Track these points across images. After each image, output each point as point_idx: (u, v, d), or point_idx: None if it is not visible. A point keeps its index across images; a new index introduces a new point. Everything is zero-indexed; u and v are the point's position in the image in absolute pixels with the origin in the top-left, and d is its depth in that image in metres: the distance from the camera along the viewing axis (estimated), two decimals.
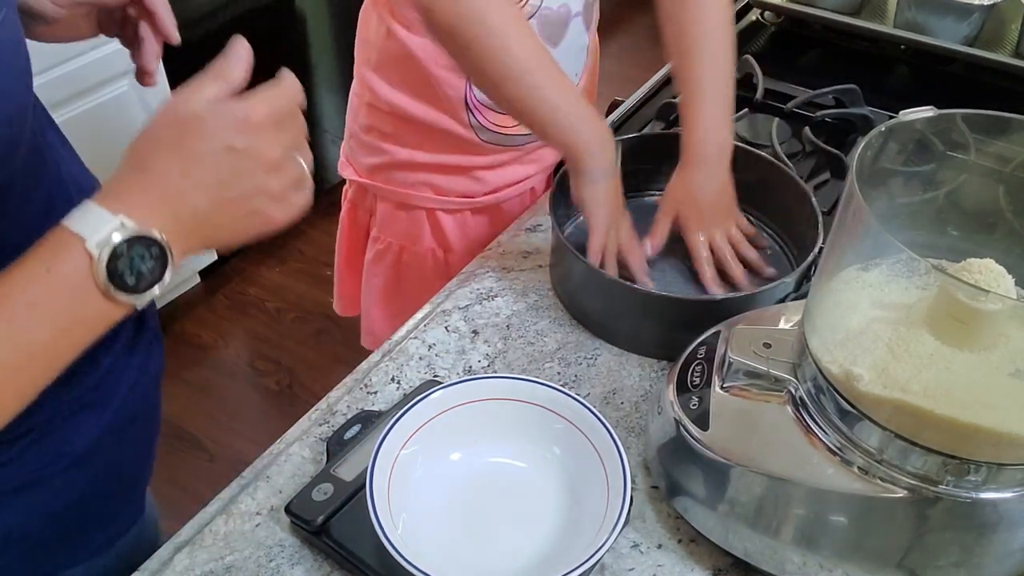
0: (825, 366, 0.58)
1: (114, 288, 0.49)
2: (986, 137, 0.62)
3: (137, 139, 0.53)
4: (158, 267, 0.50)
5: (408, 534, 0.61)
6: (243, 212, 0.55)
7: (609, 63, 3.40)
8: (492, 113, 0.97)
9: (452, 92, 0.95)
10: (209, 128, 0.53)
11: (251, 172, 0.54)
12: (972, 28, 1.17)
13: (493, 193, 1.05)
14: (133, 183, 0.51)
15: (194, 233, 0.53)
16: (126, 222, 0.49)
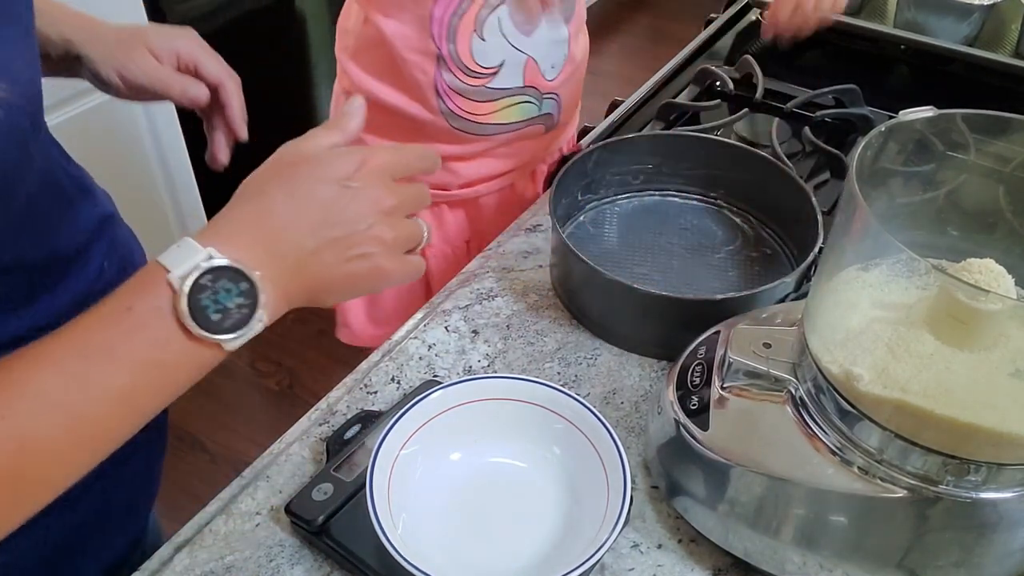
0: (825, 366, 0.58)
1: (196, 325, 0.46)
2: (986, 137, 0.62)
3: (248, 178, 0.51)
4: (248, 305, 0.47)
5: (408, 534, 0.61)
6: (350, 255, 0.51)
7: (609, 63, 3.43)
8: (462, 99, 0.96)
9: (422, 77, 0.95)
10: (323, 165, 0.51)
11: (363, 214, 0.51)
12: (972, 28, 1.17)
13: (469, 186, 1.05)
14: (234, 217, 0.49)
15: (296, 273, 0.50)
16: (214, 254, 0.46)
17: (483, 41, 0.92)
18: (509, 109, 0.99)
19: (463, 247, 1.11)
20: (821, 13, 1.10)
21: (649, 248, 0.89)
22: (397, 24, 0.92)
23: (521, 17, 0.92)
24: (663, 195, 0.95)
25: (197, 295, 0.45)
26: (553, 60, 0.97)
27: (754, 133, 1.08)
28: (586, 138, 1.06)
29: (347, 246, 0.51)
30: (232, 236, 0.48)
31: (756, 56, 1.13)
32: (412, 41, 0.92)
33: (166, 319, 0.45)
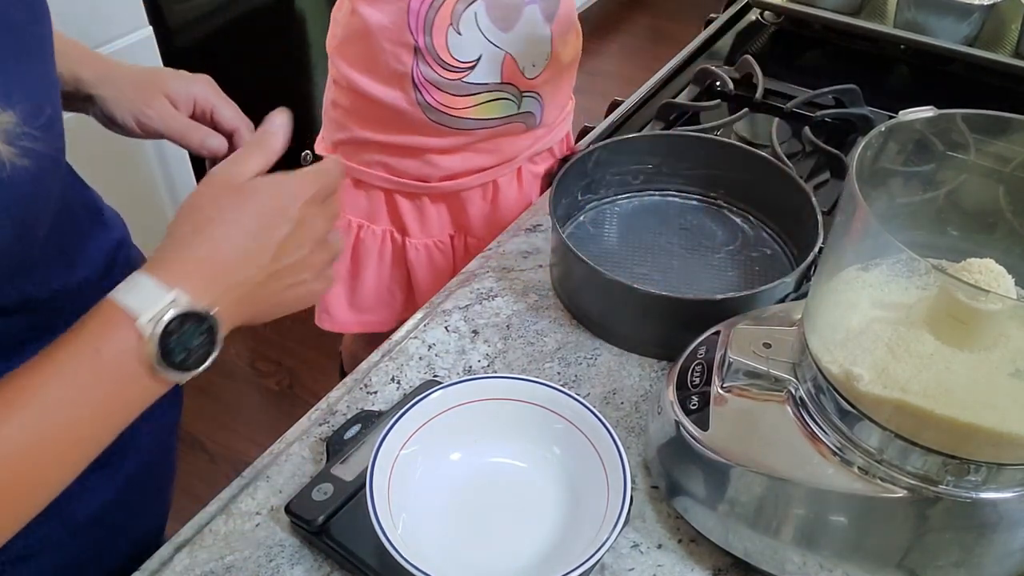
0: (825, 366, 0.58)
1: (163, 367, 0.47)
2: (986, 137, 0.62)
3: (185, 209, 0.52)
4: (207, 342, 0.50)
5: (408, 534, 0.61)
6: (289, 284, 0.55)
7: (609, 63, 3.42)
8: (438, 92, 0.96)
9: (400, 68, 0.95)
10: (265, 200, 0.53)
11: (302, 245, 0.54)
12: (972, 28, 1.17)
13: (449, 180, 1.05)
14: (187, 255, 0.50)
15: (243, 305, 0.52)
16: (180, 297, 0.48)
17: (459, 35, 0.92)
18: (486, 105, 0.98)
19: (447, 240, 1.11)
20: None
21: (649, 248, 0.89)
22: (379, 14, 0.93)
23: (498, 13, 0.91)
24: (663, 195, 0.95)
25: (165, 340, 0.47)
26: (533, 58, 0.97)
27: (754, 133, 1.08)
28: (586, 138, 1.06)
29: (289, 275, 0.54)
30: (190, 275, 0.49)
31: (756, 56, 1.13)
32: (391, 32, 0.93)
33: (133, 362, 0.47)
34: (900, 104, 0.64)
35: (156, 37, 1.63)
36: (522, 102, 1.00)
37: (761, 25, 1.34)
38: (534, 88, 1.00)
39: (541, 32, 0.95)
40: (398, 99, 0.97)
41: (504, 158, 1.05)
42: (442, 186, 1.05)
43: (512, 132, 1.02)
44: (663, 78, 1.17)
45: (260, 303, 0.54)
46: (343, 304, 1.15)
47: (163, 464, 0.75)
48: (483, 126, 1.00)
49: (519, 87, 0.98)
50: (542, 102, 1.02)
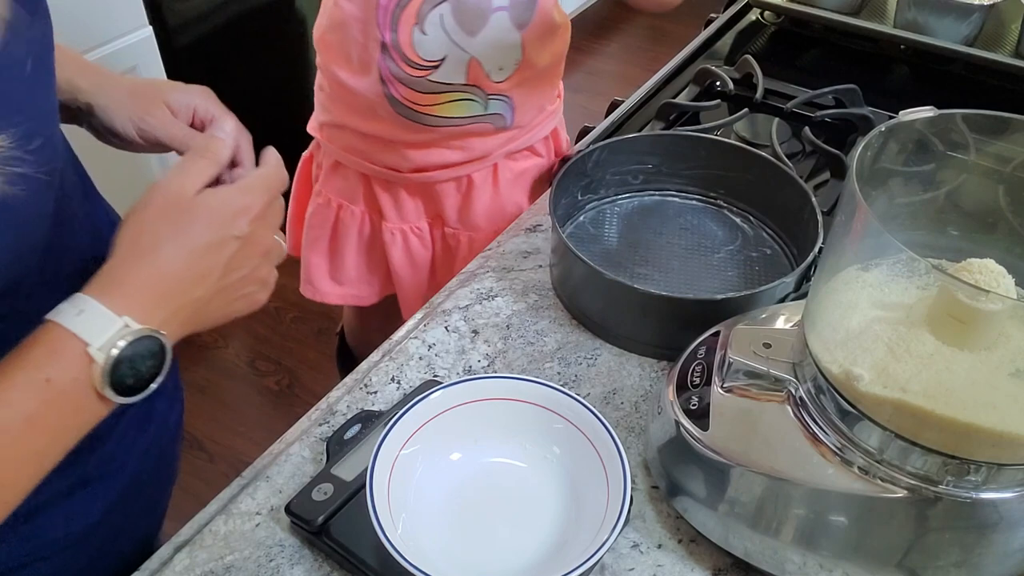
0: (825, 366, 0.58)
1: (115, 393, 0.48)
2: (986, 137, 0.62)
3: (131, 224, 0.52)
4: (157, 364, 0.49)
5: (408, 534, 0.61)
6: (235, 297, 0.55)
7: (609, 63, 3.42)
8: (404, 88, 0.97)
9: (369, 61, 0.96)
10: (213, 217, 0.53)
11: (247, 259, 0.54)
12: (972, 28, 1.17)
13: (421, 172, 1.05)
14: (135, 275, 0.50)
15: (189, 321, 0.52)
16: (130, 323, 0.47)
17: (424, 35, 0.92)
18: (451, 104, 0.98)
19: (423, 228, 1.12)
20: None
21: (649, 248, 0.89)
22: (352, 7, 0.94)
23: (464, 17, 0.91)
24: (663, 195, 0.95)
25: (116, 366, 0.47)
26: (501, 62, 0.96)
27: (754, 133, 1.08)
28: (586, 138, 1.06)
29: (236, 289, 0.55)
30: (139, 298, 0.49)
31: (756, 56, 1.13)
32: (362, 25, 0.94)
33: (84, 389, 0.47)
34: (900, 104, 0.64)
35: (156, 37, 1.63)
36: (489, 104, 0.99)
37: (761, 25, 1.34)
38: (502, 92, 0.99)
39: (510, 38, 0.94)
40: (368, 91, 0.98)
41: (475, 155, 1.04)
42: (414, 177, 1.06)
43: (481, 132, 1.02)
44: (663, 78, 1.17)
45: (207, 318, 0.54)
46: (325, 276, 1.18)
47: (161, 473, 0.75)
48: (448, 124, 1.00)
49: (485, 90, 0.98)
50: (512, 104, 1.01)
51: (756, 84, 1.09)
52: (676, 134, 0.97)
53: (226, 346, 2.04)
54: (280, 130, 1.34)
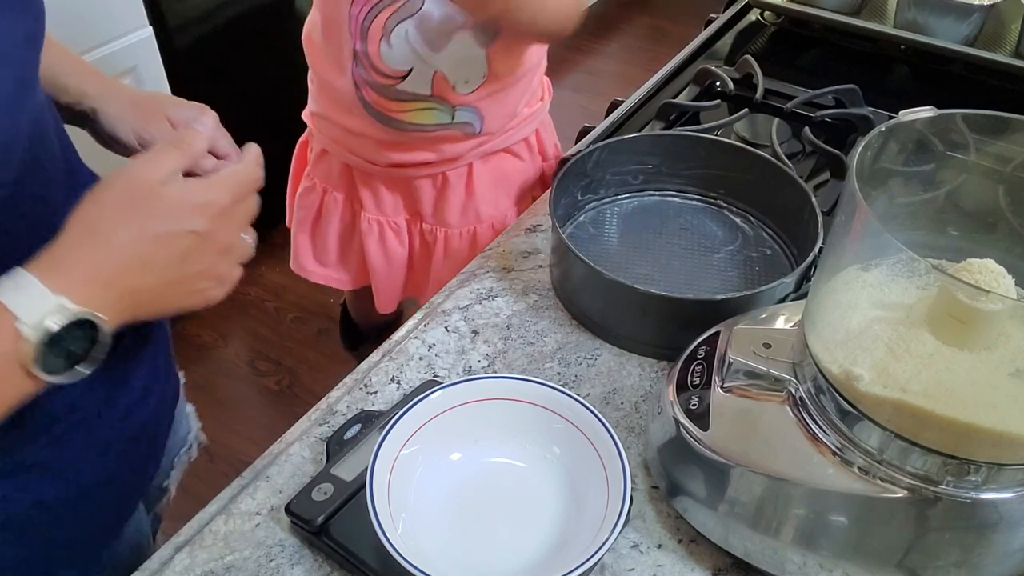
0: (825, 366, 0.58)
1: (43, 371, 0.46)
2: (986, 137, 0.62)
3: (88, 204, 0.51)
4: (91, 347, 0.48)
5: (408, 534, 0.61)
6: (188, 291, 0.54)
7: (609, 63, 3.43)
8: (374, 93, 0.99)
9: (343, 64, 0.99)
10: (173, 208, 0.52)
11: (204, 255, 0.53)
12: (972, 28, 1.17)
13: (397, 167, 1.08)
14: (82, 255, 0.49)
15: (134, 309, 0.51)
16: (66, 305, 0.46)
17: (390, 47, 0.94)
18: (419, 112, 1.00)
19: (400, 223, 1.14)
20: None
21: (649, 248, 0.89)
22: (330, 11, 0.97)
23: (429, 34, 0.93)
24: (663, 195, 0.95)
25: (48, 346, 0.46)
26: (467, 76, 0.97)
27: (754, 133, 1.08)
28: (586, 138, 1.06)
29: (188, 283, 0.54)
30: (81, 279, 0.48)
31: (756, 56, 1.13)
32: (337, 31, 0.97)
33: (12, 364, 0.46)
34: (900, 104, 0.64)
35: (156, 37, 1.63)
36: (455, 114, 1.01)
37: (761, 25, 1.35)
38: (468, 103, 1.00)
39: (474, 53, 0.96)
40: (344, 91, 1.01)
41: (447, 157, 1.06)
42: (391, 172, 1.08)
43: (450, 138, 1.04)
44: (663, 78, 1.17)
45: (155, 308, 0.53)
46: (309, 255, 1.23)
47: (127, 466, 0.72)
48: (417, 130, 1.02)
49: (450, 101, 1.00)
50: (480, 114, 1.02)
51: (756, 84, 1.09)
52: (676, 134, 0.97)
53: (226, 346, 2.04)
54: (279, 130, 1.34)
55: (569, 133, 1.16)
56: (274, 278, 2.18)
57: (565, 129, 1.24)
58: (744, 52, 1.20)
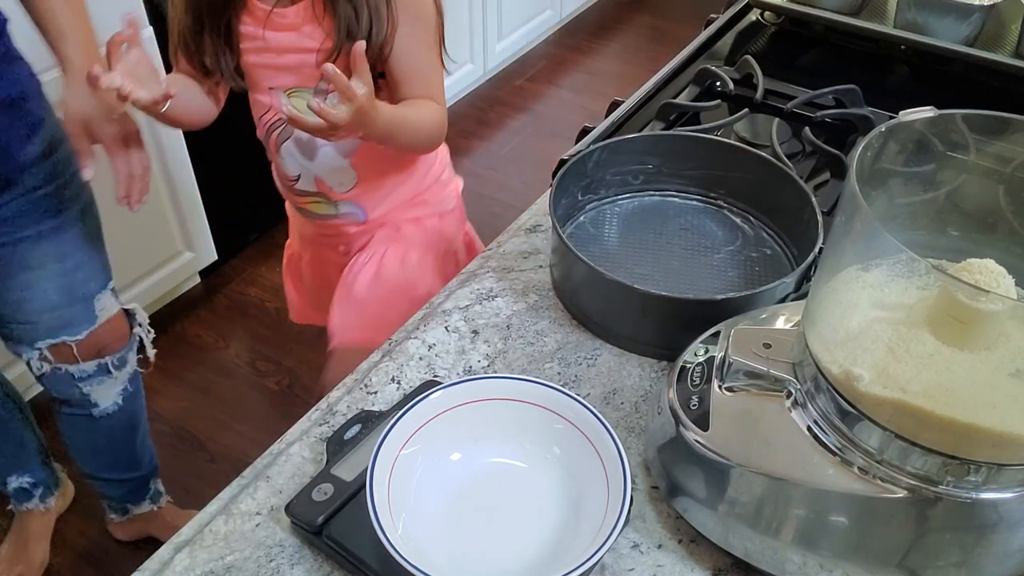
0: (825, 366, 0.58)
1: None
2: (986, 137, 0.62)
3: None
4: None
5: (408, 534, 0.61)
6: None
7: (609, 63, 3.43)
8: (283, 185, 1.19)
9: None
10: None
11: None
12: (972, 28, 1.17)
13: (323, 236, 1.26)
14: None
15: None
16: None
17: (282, 158, 1.14)
18: (313, 203, 1.19)
19: (343, 256, 1.25)
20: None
21: (649, 248, 0.89)
22: (258, 124, 1.16)
23: (301, 148, 1.12)
24: (663, 195, 0.95)
25: None
26: (339, 181, 1.14)
27: (754, 133, 1.08)
28: (586, 138, 1.06)
29: None
30: None
31: (756, 56, 1.13)
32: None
33: None
34: (900, 104, 0.64)
35: (156, 37, 1.63)
36: (339, 207, 1.18)
37: (761, 25, 1.34)
38: (347, 199, 1.16)
39: (340, 164, 1.12)
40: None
41: (349, 232, 1.21)
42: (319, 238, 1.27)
43: (344, 223, 1.20)
44: (663, 78, 1.17)
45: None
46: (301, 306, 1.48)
47: None
48: (314, 216, 1.21)
49: (331, 198, 1.17)
50: (362, 206, 1.18)
51: (756, 84, 1.09)
52: (676, 134, 0.97)
53: (226, 346, 2.04)
54: None
55: (569, 133, 1.16)
56: (274, 278, 2.18)
57: (565, 129, 1.24)
58: (744, 52, 1.20)
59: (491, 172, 2.63)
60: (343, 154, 1.11)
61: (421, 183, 1.20)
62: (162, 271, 1.99)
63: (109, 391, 1.31)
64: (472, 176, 2.64)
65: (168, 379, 1.95)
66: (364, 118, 0.91)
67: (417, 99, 1.05)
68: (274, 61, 1.05)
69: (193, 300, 2.14)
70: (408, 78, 1.04)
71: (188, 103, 1.08)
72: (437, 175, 1.22)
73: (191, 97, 1.09)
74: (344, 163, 1.12)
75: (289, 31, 1.02)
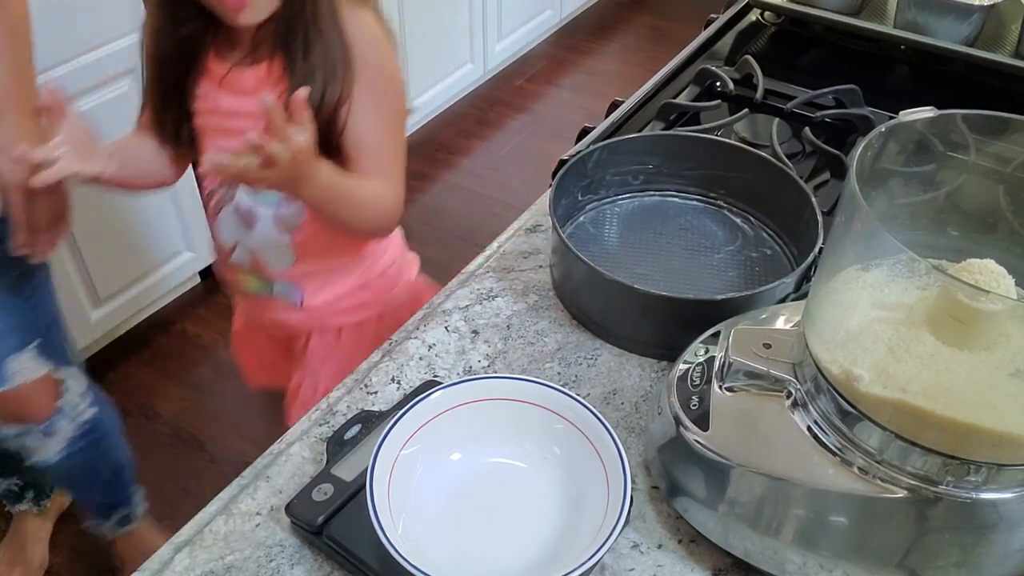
0: (825, 366, 0.58)
1: None
2: (986, 137, 0.62)
3: None
4: None
5: (408, 534, 0.61)
6: None
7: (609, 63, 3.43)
8: (216, 255, 1.12)
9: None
10: None
11: None
12: (972, 28, 1.17)
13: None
14: None
15: None
16: None
17: (218, 225, 1.06)
18: (246, 279, 1.10)
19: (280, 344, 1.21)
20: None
21: (649, 248, 0.89)
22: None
23: (239, 218, 1.03)
24: (663, 195, 0.95)
25: None
26: (277, 258, 1.05)
27: (754, 133, 1.08)
28: (586, 138, 1.06)
29: None
30: None
31: (756, 56, 1.13)
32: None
33: None
34: (900, 104, 0.64)
35: None
36: (274, 287, 1.08)
37: (761, 25, 1.35)
38: (284, 279, 1.07)
39: (278, 240, 1.03)
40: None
41: (278, 323, 1.12)
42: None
43: (278, 303, 1.10)
44: (663, 78, 1.17)
45: None
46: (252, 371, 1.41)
47: None
48: (247, 294, 1.12)
49: (266, 276, 1.07)
50: (300, 288, 1.08)
51: (756, 84, 1.09)
52: (676, 134, 0.97)
53: (226, 346, 2.03)
54: None
55: (569, 133, 1.16)
56: None
57: (565, 129, 1.24)
58: (744, 52, 1.20)
59: (491, 172, 2.63)
60: (284, 229, 1.02)
61: (367, 274, 1.11)
62: (162, 271, 2.00)
63: (47, 448, 1.22)
64: (472, 176, 2.65)
65: (168, 379, 1.95)
66: (300, 169, 0.85)
67: (371, 176, 0.97)
68: (222, 124, 0.98)
69: (193, 300, 2.14)
70: (361, 153, 0.95)
71: (138, 166, 1.02)
72: (385, 267, 1.12)
73: (142, 158, 1.03)
74: (283, 239, 1.03)
75: (243, 95, 0.95)
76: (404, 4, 2.41)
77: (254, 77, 0.95)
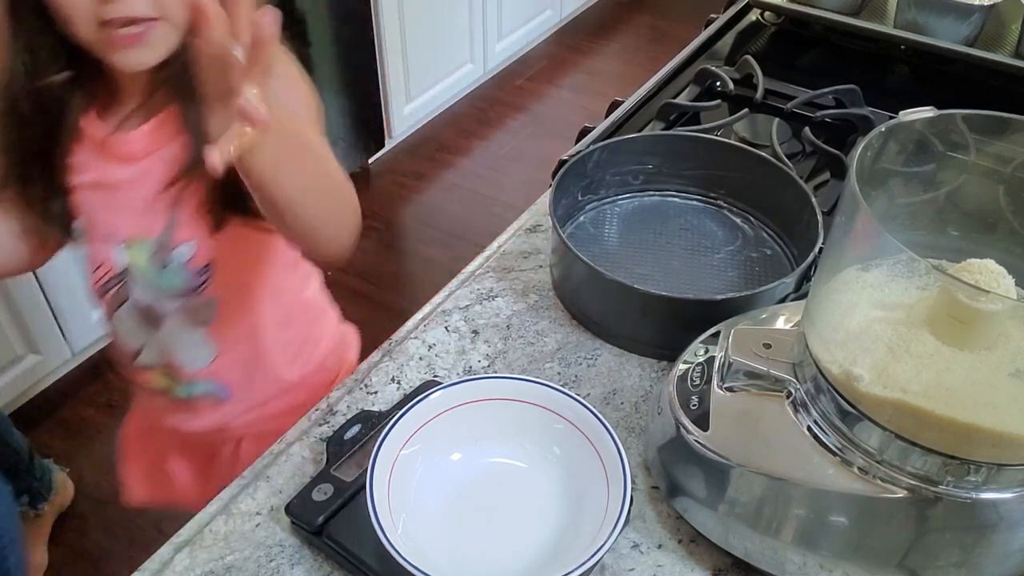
0: (825, 366, 0.58)
1: None
2: (986, 137, 0.62)
3: None
4: None
5: (408, 534, 0.61)
6: None
7: (609, 63, 3.43)
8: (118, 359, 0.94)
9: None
10: None
11: None
12: (972, 28, 1.17)
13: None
14: None
15: None
16: None
17: (117, 324, 0.89)
18: (159, 381, 0.92)
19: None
20: None
21: (649, 248, 0.89)
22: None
23: (144, 315, 0.87)
24: (663, 195, 0.95)
25: None
26: (193, 356, 0.89)
27: (754, 133, 1.08)
28: (586, 138, 1.06)
29: None
30: None
31: (756, 56, 1.13)
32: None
33: None
34: (900, 104, 0.64)
35: None
36: (193, 387, 0.92)
37: (761, 25, 1.35)
38: (205, 377, 0.90)
39: (193, 336, 0.87)
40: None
41: (209, 426, 0.95)
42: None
43: (210, 404, 0.93)
44: (663, 78, 1.17)
45: None
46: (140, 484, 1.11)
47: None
48: (161, 400, 0.94)
49: (182, 378, 0.90)
50: (227, 384, 0.92)
51: (756, 84, 1.09)
52: (676, 134, 0.97)
53: None
54: None
55: (569, 133, 1.16)
56: None
57: (565, 129, 1.24)
58: (744, 52, 1.20)
59: (491, 172, 2.63)
60: (198, 322, 0.86)
61: (303, 368, 0.95)
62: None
63: None
64: (472, 176, 2.65)
65: None
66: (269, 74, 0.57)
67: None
68: (111, 201, 0.80)
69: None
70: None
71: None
72: (322, 358, 0.97)
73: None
74: (197, 334, 0.87)
75: (132, 162, 0.77)
76: (404, 4, 2.41)
77: (143, 139, 0.77)
